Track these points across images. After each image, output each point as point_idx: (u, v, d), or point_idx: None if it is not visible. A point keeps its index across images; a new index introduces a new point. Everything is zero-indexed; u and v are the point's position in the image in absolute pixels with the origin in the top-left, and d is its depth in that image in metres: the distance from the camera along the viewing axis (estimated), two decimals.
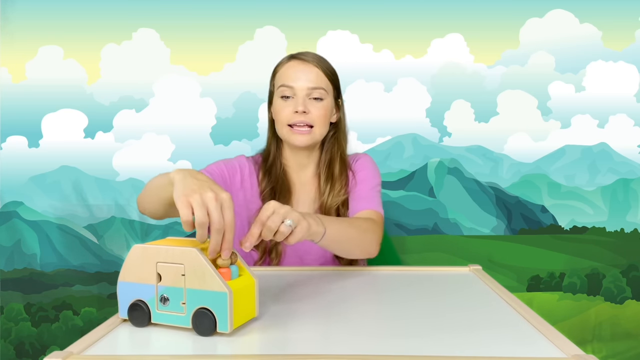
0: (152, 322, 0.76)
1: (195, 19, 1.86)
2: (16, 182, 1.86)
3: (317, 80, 1.22)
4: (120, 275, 0.77)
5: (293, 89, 1.21)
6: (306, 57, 1.24)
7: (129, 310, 0.76)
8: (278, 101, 1.24)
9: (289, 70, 1.23)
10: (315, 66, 1.23)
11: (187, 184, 0.78)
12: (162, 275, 0.74)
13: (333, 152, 1.29)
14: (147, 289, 0.75)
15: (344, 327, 0.76)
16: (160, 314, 0.75)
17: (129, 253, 0.76)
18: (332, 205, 1.26)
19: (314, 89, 1.21)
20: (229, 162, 1.28)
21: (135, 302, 0.76)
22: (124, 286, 0.76)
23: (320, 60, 1.25)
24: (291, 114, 1.21)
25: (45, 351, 1.85)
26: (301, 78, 1.22)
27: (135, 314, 0.76)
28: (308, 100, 1.22)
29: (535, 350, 0.67)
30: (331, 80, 1.25)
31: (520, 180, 1.92)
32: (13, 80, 1.85)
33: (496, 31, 1.88)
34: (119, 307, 0.77)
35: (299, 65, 1.23)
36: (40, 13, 1.84)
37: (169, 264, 0.74)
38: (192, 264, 0.72)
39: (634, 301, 1.90)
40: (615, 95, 1.89)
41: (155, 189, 0.99)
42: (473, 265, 1.15)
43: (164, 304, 0.74)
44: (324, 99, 1.23)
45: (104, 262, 1.88)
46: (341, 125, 1.31)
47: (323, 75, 1.23)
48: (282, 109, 1.22)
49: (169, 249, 0.74)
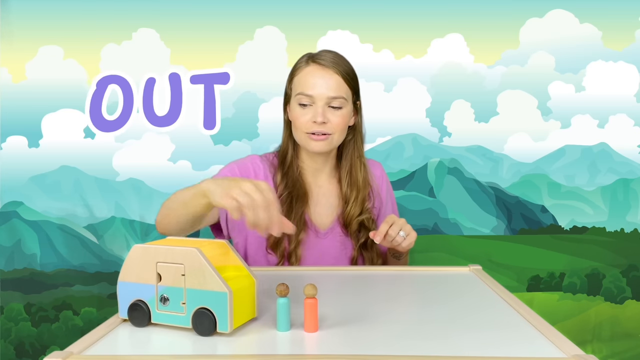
0: (152, 322, 0.75)
1: (195, 19, 1.86)
2: (16, 182, 1.86)
3: (337, 88, 1.19)
4: (120, 275, 0.77)
5: (312, 97, 1.18)
6: (325, 60, 1.20)
7: (129, 310, 0.76)
8: (296, 107, 1.21)
9: (308, 76, 1.20)
10: (335, 73, 1.19)
11: (224, 186, 0.86)
12: (162, 275, 0.75)
13: (353, 157, 1.28)
14: (147, 289, 0.75)
15: (342, 327, 0.76)
16: (160, 314, 0.75)
17: (129, 253, 0.76)
18: (353, 215, 1.26)
19: (333, 98, 1.18)
20: (242, 164, 1.27)
21: (135, 302, 0.76)
22: (124, 286, 0.77)
23: (340, 63, 1.21)
24: (309, 123, 1.19)
25: (45, 351, 1.85)
26: (321, 86, 1.18)
27: (135, 314, 0.76)
28: (327, 109, 1.19)
29: (535, 350, 0.67)
30: (351, 86, 1.22)
31: (520, 180, 1.92)
32: (13, 80, 1.85)
33: (496, 31, 1.88)
34: (119, 307, 0.77)
35: (319, 71, 1.19)
36: (40, 13, 1.84)
37: (169, 264, 0.74)
38: (192, 263, 0.73)
39: (634, 301, 1.90)
40: (615, 95, 1.89)
41: (182, 205, 1.02)
42: (473, 265, 1.15)
43: (164, 304, 0.75)
44: (343, 107, 1.20)
45: (104, 262, 1.88)
46: (358, 127, 1.29)
47: (343, 82, 1.20)
48: (300, 116, 1.20)
49: (169, 249, 0.74)
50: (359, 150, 1.29)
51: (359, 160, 1.28)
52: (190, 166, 1.87)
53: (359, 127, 1.29)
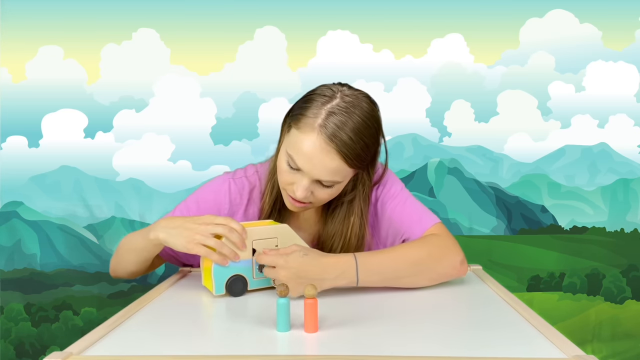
0: (248, 289, 0.95)
1: (195, 19, 1.85)
2: (16, 182, 1.86)
3: (334, 173, 0.97)
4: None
5: (302, 170, 0.97)
6: (331, 136, 0.94)
7: (229, 284, 0.93)
8: (284, 160, 1.00)
9: (306, 146, 0.95)
10: (340, 158, 0.95)
11: (183, 236, 0.92)
12: (256, 251, 0.94)
13: (348, 214, 1.07)
14: (244, 264, 0.94)
15: (342, 327, 0.76)
16: (256, 281, 0.96)
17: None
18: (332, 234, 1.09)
19: (326, 181, 0.98)
20: (204, 199, 1.12)
21: (233, 277, 0.93)
22: (219, 268, 0.92)
23: (351, 146, 0.95)
24: (292, 187, 1.00)
25: (45, 351, 1.85)
26: (316, 165, 0.95)
27: (235, 287, 0.93)
28: (315, 184, 0.99)
29: (536, 351, 0.67)
30: (354, 165, 0.99)
31: (520, 180, 1.92)
32: (13, 80, 1.85)
33: (496, 31, 1.88)
34: (214, 287, 0.92)
35: (320, 146, 0.94)
36: (40, 13, 1.84)
37: (264, 240, 0.94)
38: (284, 236, 0.95)
39: (634, 301, 1.90)
40: (615, 95, 1.89)
41: (134, 252, 1.06)
42: (473, 265, 1.15)
43: (261, 272, 0.94)
44: (334, 186, 1.01)
45: (104, 262, 1.88)
46: (366, 183, 1.08)
47: (344, 165, 0.96)
48: (284, 173, 1.01)
49: (263, 228, 0.95)
50: (364, 208, 1.08)
51: (358, 223, 1.08)
52: (190, 166, 1.87)
53: (366, 182, 1.08)
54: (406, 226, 1.09)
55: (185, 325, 0.81)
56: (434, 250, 1.00)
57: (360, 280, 0.93)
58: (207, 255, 0.91)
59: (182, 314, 0.86)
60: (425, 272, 0.98)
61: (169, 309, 0.89)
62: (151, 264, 1.12)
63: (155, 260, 1.12)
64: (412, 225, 1.09)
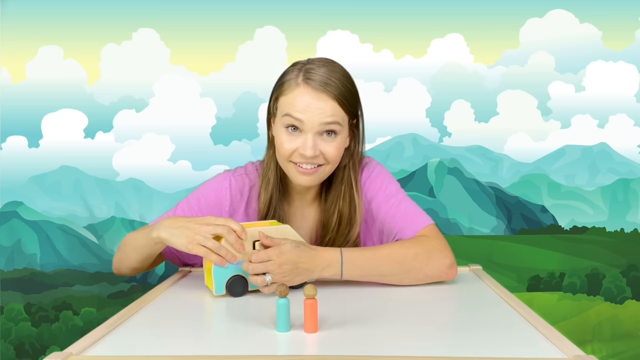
0: (249, 290, 0.94)
1: (195, 19, 1.85)
2: (16, 182, 1.86)
3: (332, 114, 1.01)
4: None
5: (302, 122, 1.00)
6: (319, 83, 1.00)
7: (229, 284, 0.93)
8: (282, 130, 1.03)
9: (298, 99, 1.00)
10: (331, 98, 1.00)
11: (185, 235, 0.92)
12: None
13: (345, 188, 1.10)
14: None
15: (342, 328, 0.76)
16: None
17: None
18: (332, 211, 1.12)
19: (328, 123, 1.01)
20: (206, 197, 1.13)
21: (234, 277, 0.93)
22: (219, 268, 0.92)
23: (337, 86, 1.01)
24: (297, 153, 1.02)
25: (45, 351, 1.85)
26: (313, 112, 0.99)
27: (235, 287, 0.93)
28: (319, 138, 1.02)
29: (535, 351, 0.67)
30: (347, 110, 1.03)
31: (520, 180, 1.92)
32: (13, 80, 1.85)
33: (496, 31, 1.88)
34: (214, 287, 0.92)
35: (311, 94, 1.00)
36: (40, 13, 1.84)
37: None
38: (286, 236, 0.95)
39: (634, 301, 1.90)
40: (615, 95, 1.89)
41: (136, 251, 1.07)
42: (473, 265, 1.15)
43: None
44: (338, 134, 1.03)
45: (104, 262, 1.88)
46: (355, 150, 1.12)
47: (339, 107, 1.01)
48: (286, 142, 1.02)
49: (264, 229, 0.94)
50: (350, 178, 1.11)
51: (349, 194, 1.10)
52: (190, 166, 1.87)
53: (355, 149, 1.12)
54: (399, 226, 1.10)
55: (185, 325, 0.81)
56: (422, 252, 1.01)
57: (344, 274, 0.97)
58: (206, 255, 0.91)
59: (182, 314, 0.86)
60: (410, 272, 1.00)
61: (169, 309, 0.89)
62: (153, 261, 1.14)
63: (157, 257, 1.13)
64: (405, 226, 1.10)
